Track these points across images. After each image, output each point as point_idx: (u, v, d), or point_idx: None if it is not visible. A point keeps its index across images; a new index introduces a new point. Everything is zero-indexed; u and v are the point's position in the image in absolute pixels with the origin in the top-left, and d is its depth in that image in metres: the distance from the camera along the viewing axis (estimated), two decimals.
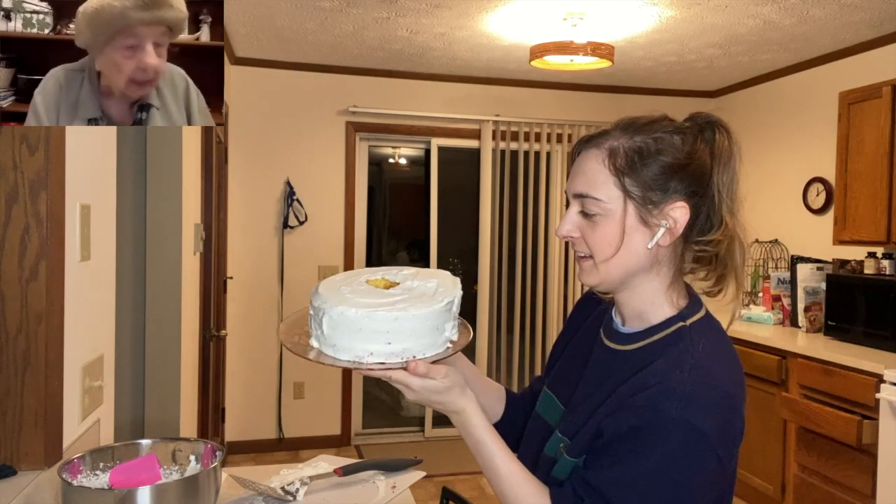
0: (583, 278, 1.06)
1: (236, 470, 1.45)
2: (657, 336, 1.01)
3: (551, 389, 1.16)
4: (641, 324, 1.04)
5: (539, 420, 1.15)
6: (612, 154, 0.99)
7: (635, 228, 0.98)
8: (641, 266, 1.00)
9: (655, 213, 0.98)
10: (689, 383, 0.92)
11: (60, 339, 1.33)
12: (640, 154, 0.98)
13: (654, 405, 0.91)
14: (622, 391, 0.96)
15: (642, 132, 0.99)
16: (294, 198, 4.64)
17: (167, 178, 2.51)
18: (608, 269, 1.01)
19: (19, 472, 1.27)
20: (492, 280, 4.95)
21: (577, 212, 1.02)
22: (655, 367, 0.96)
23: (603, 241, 0.99)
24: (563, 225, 1.03)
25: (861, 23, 3.54)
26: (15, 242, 1.27)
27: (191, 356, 2.87)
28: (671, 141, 0.99)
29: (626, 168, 0.97)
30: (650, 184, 0.97)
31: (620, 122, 1.02)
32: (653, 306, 1.03)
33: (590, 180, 1.00)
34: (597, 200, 0.99)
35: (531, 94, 5.01)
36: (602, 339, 1.10)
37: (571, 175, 1.04)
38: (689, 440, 0.90)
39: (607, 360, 1.06)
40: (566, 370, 1.16)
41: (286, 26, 3.80)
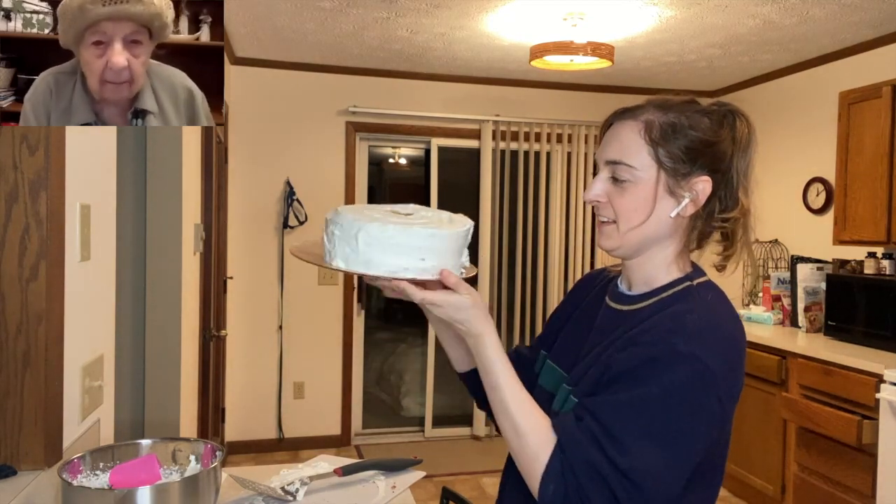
0: (602, 242, 1.10)
1: (236, 470, 1.45)
2: (665, 294, 1.06)
3: (553, 360, 1.19)
4: (648, 287, 1.08)
5: (541, 392, 1.16)
6: (649, 126, 1.04)
7: (662, 197, 1.04)
8: (661, 234, 1.06)
9: (682, 185, 1.04)
10: (700, 322, 0.98)
11: (60, 339, 1.33)
12: (673, 128, 1.04)
13: (664, 339, 0.96)
14: (633, 333, 1.01)
15: (676, 110, 1.05)
16: (294, 198, 4.64)
17: (167, 178, 2.51)
18: (630, 233, 1.05)
19: (19, 472, 1.27)
20: (492, 280, 4.94)
21: (606, 177, 1.07)
22: (664, 313, 1.01)
23: (630, 206, 1.04)
24: (592, 188, 1.08)
25: (861, 23, 3.54)
26: (15, 242, 1.27)
27: (191, 356, 2.87)
28: (701, 121, 1.05)
29: (660, 139, 1.03)
30: (681, 156, 1.03)
31: (654, 99, 1.08)
32: (660, 272, 1.08)
33: (624, 148, 1.05)
34: (630, 167, 1.04)
35: (531, 94, 5.01)
36: (607, 303, 1.14)
37: (604, 143, 1.09)
38: (694, 373, 0.94)
39: (613, 319, 1.10)
40: (569, 342, 1.19)
41: (286, 26, 3.80)
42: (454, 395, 5.32)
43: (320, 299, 4.78)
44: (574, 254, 5.06)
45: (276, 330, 4.70)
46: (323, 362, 4.80)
